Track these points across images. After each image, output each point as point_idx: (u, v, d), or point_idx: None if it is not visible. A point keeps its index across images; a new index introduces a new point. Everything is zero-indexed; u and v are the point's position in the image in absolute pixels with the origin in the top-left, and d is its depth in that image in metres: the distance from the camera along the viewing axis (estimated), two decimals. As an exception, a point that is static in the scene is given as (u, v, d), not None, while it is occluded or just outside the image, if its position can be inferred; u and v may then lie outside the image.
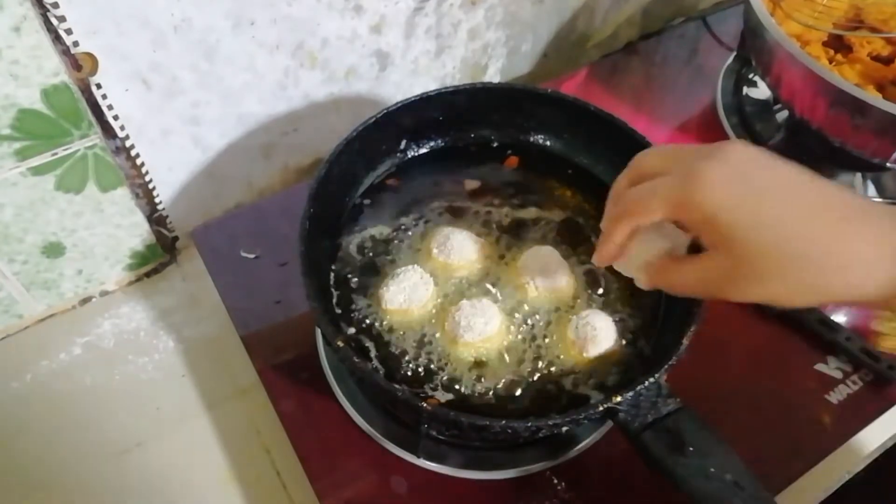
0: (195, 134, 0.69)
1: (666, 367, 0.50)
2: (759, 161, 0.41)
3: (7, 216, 0.61)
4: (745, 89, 0.88)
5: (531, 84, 0.91)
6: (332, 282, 0.60)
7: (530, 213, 0.66)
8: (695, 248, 0.47)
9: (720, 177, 0.40)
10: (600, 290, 0.60)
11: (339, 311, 0.59)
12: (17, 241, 0.63)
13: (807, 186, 0.40)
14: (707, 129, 0.85)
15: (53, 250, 0.66)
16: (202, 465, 0.64)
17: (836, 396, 0.65)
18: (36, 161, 0.58)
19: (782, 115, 0.85)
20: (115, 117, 0.61)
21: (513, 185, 0.67)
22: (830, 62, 0.77)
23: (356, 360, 0.50)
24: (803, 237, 0.38)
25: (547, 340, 0.58)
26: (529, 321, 0.58)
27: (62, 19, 0.52)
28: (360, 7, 0.69)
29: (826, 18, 0.78)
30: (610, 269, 0.60)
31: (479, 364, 0.56)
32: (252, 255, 0.71)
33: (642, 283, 0.50)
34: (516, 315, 0.59)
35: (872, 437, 0.64)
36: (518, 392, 0.55)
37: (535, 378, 0.56)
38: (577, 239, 0.64)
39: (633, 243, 0.48)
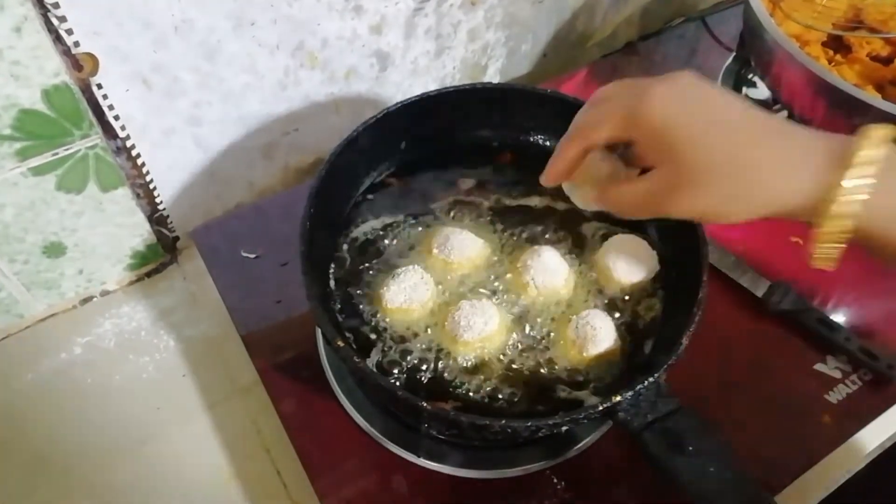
0: (196, 134, 0.69)
1: (665, 366, 0.50)
2: (704, 85, 0.44)
3: (8, 216, 0.61)
4: (745, 89, 0.88)
5: (531, 84, 0.91)
6: (332, 281, 0.60)
7: (532, 200, 0.66)
8: None
9: (668, 95, 0.43)
10: (600, 290, 0.60)
11: (339, 310, 0.59)
12: (18, 241, 0.63)
13: (744, 108, 0.43)
14: (706, 130, 0.85)
15: (54, 250, 0.66)
16: (203, 464, 0.64)
17: (835, 396, 0.65)
18: (37, 161, 0.58)
19: (782, 116, 0.85)
20: (116, 117, 0.61)
21: (513, 182, 0.67)
22: (830, 62, 0.77)
23: (356, 360, 0.50)
24: (737, 151, 0.41)
25: (547, 340, 0.58)
26: (529, 321, 0.58)
27: (63, 19, 0.52)
28: (360, 7, 0.69)
29: (825, 19, 0.78)
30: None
31: (479, 363, 0.56)
32: (253, 255, 0.71)
33: (589, 202, 0.52)
34: (516, 314, 0.59)
35: (871, 437, 0.64)
36: (518, 391, 0.55)
37: (535, 377, 0.56)
38: (576, 235, 0.64)
39: (582, 167, 0.50)
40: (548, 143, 0.70)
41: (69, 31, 0.53)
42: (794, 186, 0.41)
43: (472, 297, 0.58)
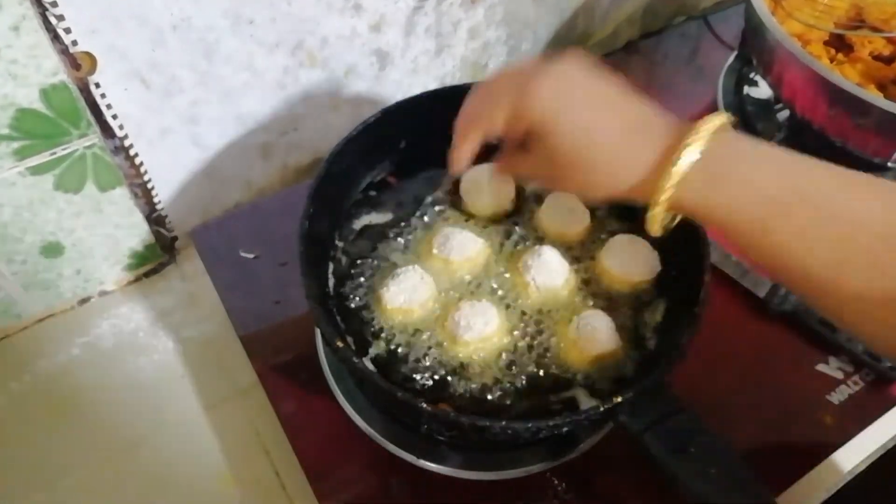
0: (194, 133, 0.68)
1: (666, 367, 0.50)
2: (582, 75, 0.48)
3: (6, 216, 0.61)
4: (746, 88, 0.88)
5: (531, 83, 0.91)
6: (331, 282, 0.60)
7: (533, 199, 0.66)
8: None
9: (548, 88, 0.47)
10: (601, 291, 0.60)
11: (338, 311, 0.59)
12: (16, 241, 0.63)
13: (615, 101, 0.48)
14: (708, 129, 0.85)
15: (52, 250, 0.66)
16: (201, 466, 0.63)
17: (837, 397, 0.65)
18: (34, 161, 0.58)
19: (783, 115, 0.85)
20: (114, 116, 0.61)
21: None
22: (831, 61, 0.77)
23: (355, 361, 0.50)
24: (599, 143, 0.47)
25: (547, 340, 0.57)
26: (530, 321, 0.58)
27: (61, 18, 0.52)
28: (359, 6, 0.69)
29: (827, 18, 0.78)
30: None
31: (478, 363, 0.56)
32: (251, 255, 0.71)
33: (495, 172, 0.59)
34: (517, 314, 0.58)
35: (873, 438, 0.64)
36: (518, 392, 0.55)
37: (536, 378, 0.56)
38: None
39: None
40: (548, 143, 0.70)
41: (67, 30, 0.53)
42: (629, 183, 0.47)
43: (473, 298, 0.58)
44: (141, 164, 0.66)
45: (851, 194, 0.44)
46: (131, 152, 0.64)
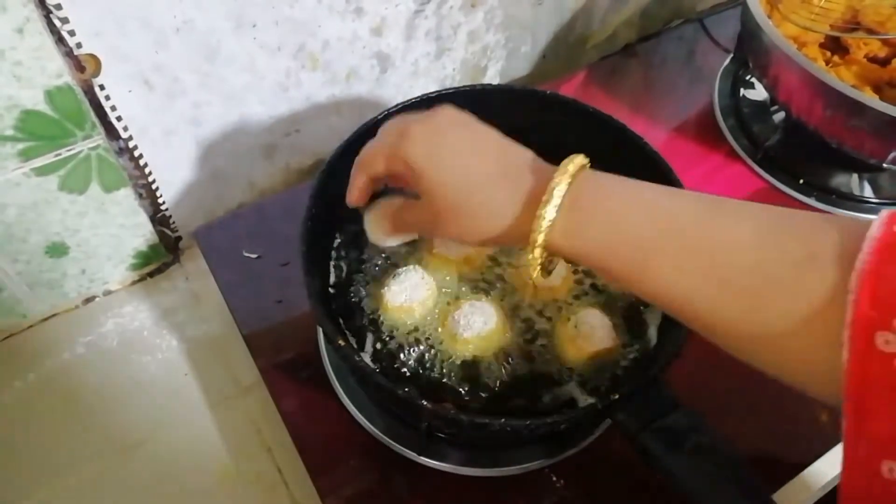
0: (197, 134, 0.69)
1: (663, 365, 0.50)
2: (456, 122, 0.49)
3: (10, 216, 0.61)
4: (743, 91, 0.89)
5: (530, 85, 0.91)
6: (332, 281, 0.61)
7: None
8: None
9: (422, 135, 0.48)
10: (598, 290, 0.61)
11: (340, 309, 0.59)
12: (21, 241, 0.64)
13: (487, 147, 0.48)
14: (704, 131, 0.85)
15: (57, 250, 0.66)
16: (204, 463, 0.64)
17: (833, 395, 0.65)
18: (39, 162, 0.59)
19: (779, 117, 0.85)
20: (119, 118, 0.61)
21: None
22: (827, 64, 0.78)
23: (357, 359, 0.50)
24: (470, 186, 0.46)
25: (545, 339, 0.58)
26: (528, 319, 0.59)
27: (65, 21, 0.53)
28: (360, 9, 0.69)
29: (823, 20, 0.79)
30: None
31: (478, 361, 0.56)
32: (254, 255, 0.71)
33: (381, 236, 0.58)
34: (515, 313, 0.59)
35: (869, 436, 0.64)
36: (516, 390, 0.56)
37: (534, 376, 0.56)
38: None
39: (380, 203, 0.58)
40: (546, 144, 0.70)
41: (71, 33, 0.54)
42: (502, 227, 0.46)
43: (472, 296, 0.59)
44: (145, 165, 0.66)
45: (720, 221, 0.41)
46: (136, 153, 0.65)
